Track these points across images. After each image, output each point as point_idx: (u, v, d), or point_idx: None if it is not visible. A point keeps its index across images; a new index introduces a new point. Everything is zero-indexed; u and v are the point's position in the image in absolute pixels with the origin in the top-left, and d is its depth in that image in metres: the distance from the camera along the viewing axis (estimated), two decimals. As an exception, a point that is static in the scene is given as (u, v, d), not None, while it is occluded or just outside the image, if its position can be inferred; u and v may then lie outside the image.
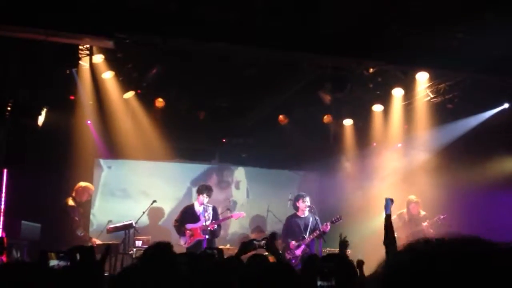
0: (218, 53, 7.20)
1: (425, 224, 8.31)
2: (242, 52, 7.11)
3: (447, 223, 8.23)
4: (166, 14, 6.05)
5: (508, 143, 9.16)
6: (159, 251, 3.26)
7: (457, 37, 6.39)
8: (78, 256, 3.26)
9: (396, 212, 8.84)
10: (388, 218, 4.07)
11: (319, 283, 2.91)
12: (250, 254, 3.97)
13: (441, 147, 9.43)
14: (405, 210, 8.76)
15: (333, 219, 7.93)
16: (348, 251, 7.77)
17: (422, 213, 8.64)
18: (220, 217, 8.75)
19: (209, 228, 8.15)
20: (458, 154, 9.13)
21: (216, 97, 8.99)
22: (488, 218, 8.81)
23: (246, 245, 4.19)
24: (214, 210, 8.48)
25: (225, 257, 4.81)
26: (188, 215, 8.37)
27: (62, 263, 3.33)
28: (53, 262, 3.45)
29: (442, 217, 8.27)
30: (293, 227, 8.09)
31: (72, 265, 3.21)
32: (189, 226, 8.26)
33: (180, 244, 7.99)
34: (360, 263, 3.88)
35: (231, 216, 8.97)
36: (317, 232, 7.82)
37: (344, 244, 5.04)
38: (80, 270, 3.18)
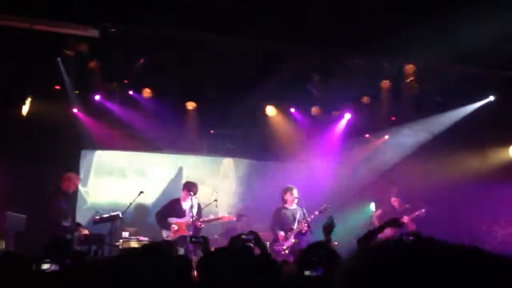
0: (206, 43, 7.15)
1: (405, 217, 8.27)
2: (230, 42, 7.07)
3: (429, 216, 8.30)
4: (152, 3, 5.98)
5: (494, 135, 9.27)
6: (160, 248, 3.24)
7: (444, 29, 6.41)
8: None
9: (375, 213, 9.09)
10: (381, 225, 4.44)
11: (306, 272, 2.89)
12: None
13: (428, 139, 9.50)
14: (380, 211, 8.89)
15: (321, 208, 7.76)
16: (335, 243, 7.82)
17: (406, 206, 8.73)
18: (211, 214, 8.67)
19: (196, 226, 8.09)
20: (444, 146, 9.21)
21: (204, 88, 8.94)
22: (472, 209, 8.92)
23: (235, 239, 4.34)
24: (199, 206, 8.41)
25: (214, 248, 4.86)
26: (174, 209, 8.23)
27: (53, 267, 3.32)
28: (45, 266, 3.44)
29: (423, 210, 8.32)
30: (282, 218, 8.06)
31: (63, 269, 3.21)
32: (173, 220, 8.11)
33: (163, 237, 7.89)
34: None
35: (222, 217, 8.91)
36: (305, 223, 7.76)
37: (329, 227, 4.76)
38: (72, 274, 3.17)
